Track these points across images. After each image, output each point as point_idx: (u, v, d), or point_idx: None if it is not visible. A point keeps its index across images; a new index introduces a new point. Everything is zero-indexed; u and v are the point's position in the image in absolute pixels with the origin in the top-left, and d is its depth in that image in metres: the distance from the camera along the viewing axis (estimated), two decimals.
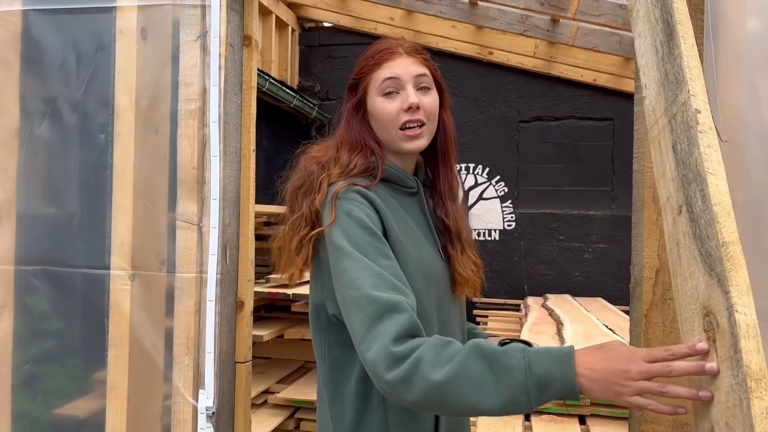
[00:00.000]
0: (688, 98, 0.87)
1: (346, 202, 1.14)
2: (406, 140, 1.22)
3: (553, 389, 0.93)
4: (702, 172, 0.83)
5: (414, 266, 1.15)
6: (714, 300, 0.81)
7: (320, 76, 7.09)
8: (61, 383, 1.93)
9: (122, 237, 1.80)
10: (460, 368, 0.95)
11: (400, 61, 1.23)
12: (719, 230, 0.79)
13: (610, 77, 5.96)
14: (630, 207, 1.76)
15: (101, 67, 1.82)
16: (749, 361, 0.74)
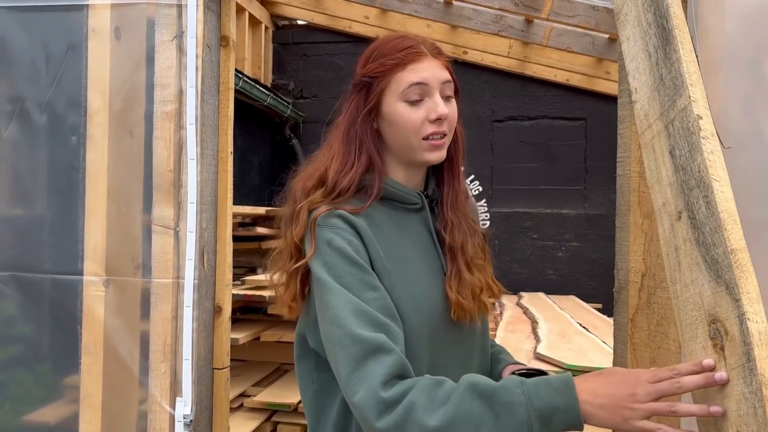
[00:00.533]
0: (688, 104, 0.87)
1: (326, 230, 1.05)
2: (430, 150, 1.10)
3: (557, 421, 0.88)
4: (706, 179, 0.82)
5: (402, 298, 1.05)
6: (722, 308, 0.80)
7: (294, 75, 7.03)
8: (31, 389, 1.88)
9: (96, 242, 1.75)
10: (456, 410, 0.88)
11: (429, 64, 1.10)
12: (727, 237, 0.79)
13: (583, 77, 6.03)
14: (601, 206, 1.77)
15: (72, 67, 1.76)
16: (763, 369, 0.74)
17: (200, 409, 1.75)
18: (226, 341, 1.85)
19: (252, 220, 3.84)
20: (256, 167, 6.49)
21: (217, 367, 1.83)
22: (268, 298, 3.12)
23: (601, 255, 6.41)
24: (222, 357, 1.83)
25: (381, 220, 1.11)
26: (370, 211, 1.10)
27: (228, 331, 1.87)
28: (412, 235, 1.14)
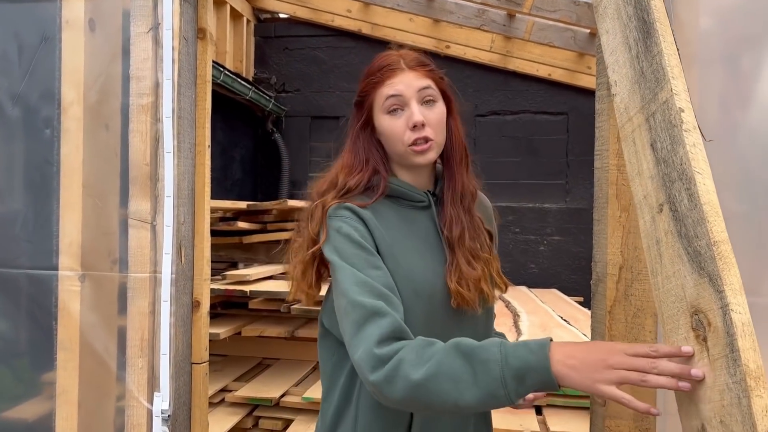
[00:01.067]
0: (670, 96, 0.87)
1: (335, 219, 1.18)
2: (415, 155, 1.21)
3: (530, 380, 0.93)
4: (688, 171, 0.83)
5: (402, 281, 1.15)
6: (704, 299, 0.81)
7: (276, 68, 6.98)
8: (8, 386, 1.85)
9: (71, 236, 1.72)
10: (438, 366, 0.96)
11: (402, 76, 1.22)
12: (710, 229, 0.79)
13: (565, 72, 6.06)
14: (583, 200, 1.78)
15: (45, 59, 1.73)
16: (747, 360, 0.74)
17: (178, 404, 1.73)
18: (204, 336, 1.84)
19: (233, 214, 3.81)
20: (238, 161, 6.45)
21: (195, 361, 1.82)
22: (249, 292, 3.11)
23: (583, 249, 6.46)
24: (200, 351, 1.82)
25: (387, 215, 1.22)
26: (378, 206, 1.22)
27: (206, 326, 1.85)
28: (418, 229, 1.25)
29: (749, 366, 0.74)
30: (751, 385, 0.73)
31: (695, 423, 0.83)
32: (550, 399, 3.72)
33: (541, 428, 3.49)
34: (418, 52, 1.29)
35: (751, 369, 0.74)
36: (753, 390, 0.73)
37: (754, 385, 0.73)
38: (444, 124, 1.25)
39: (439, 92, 1.25)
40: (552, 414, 3.65)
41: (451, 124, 1.28)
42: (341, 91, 6.91)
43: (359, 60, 6.86)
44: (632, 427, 1.37)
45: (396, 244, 1.19)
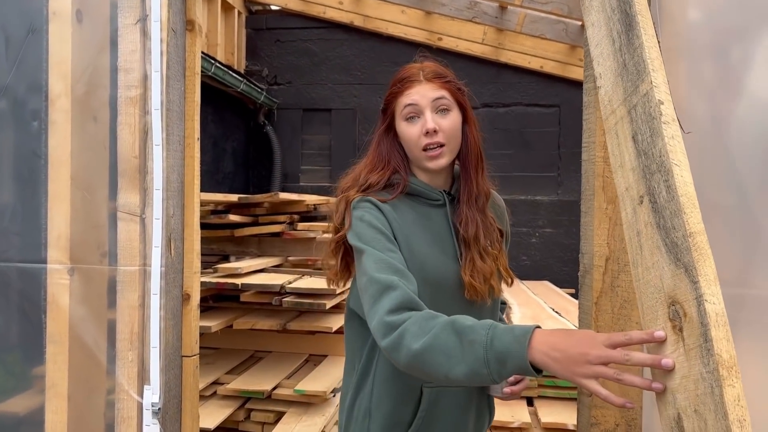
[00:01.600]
0: (650, 89, 0.88)
1: (358, 210, 1.32)
2: (428, 160, 1.35)
3: (511, 364, 1.02)
4: (667, 163, 0.83)
5: (413, 268, 1.27)
6: (681, 290, 0.82)
7: (268, 61, 6.95)
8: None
9: (59, 229, 1.72)
10: (435, 340, 1.08)
11: (419, 87, 1.35)
12: (686, 221, 0.80)
13: (557, 64, 6.06)
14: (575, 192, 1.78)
15: (33, 51, 1.72)
16: (720, 350, 0.75)
17: (169, 396, 1.73)
18: (194, 329, 1.84)
19: (225, 207, 3.80)
20: (230, 154, 6.43)
21: (186, 354, 1.82)
22: (241, 285, 3.11)
23: (575, 241, 6.48)
24: (191, 344, 1.82)
25: (404, 210, 1.36)
26: (397, 203, 1.36)
27: (197, 319, 1.86)
28: (432, 224, 1.37)
29: (722, 356, 0.75)
30: (724, 375, 0.74)
31: (671, 412, 0.84)
32: (540, 390, 3.75)
33: (533, 419, 3.51)
34: (438, 65, 1.41)
35: (723, 359, 0.75)
36: (725, 379, 0.74)
37: (727, 374, 0.74)
38: (457, 131, 1.37)
39: (454, 102, 1.36)
40: (543, 405, 3.67)
41: (467, 131, 1.40)
42: (333, 83, 6.89)
43: (351, 52, 6.84)
44: (618, 418, 1.38)
45: (411, 236, 1.32)
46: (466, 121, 1.40)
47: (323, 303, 3.06)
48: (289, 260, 3.77)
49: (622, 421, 1.39)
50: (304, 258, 3.72)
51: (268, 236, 3.78)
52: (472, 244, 1.35)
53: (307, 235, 3.69)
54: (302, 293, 3.12)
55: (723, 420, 0.73)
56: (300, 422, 2.79)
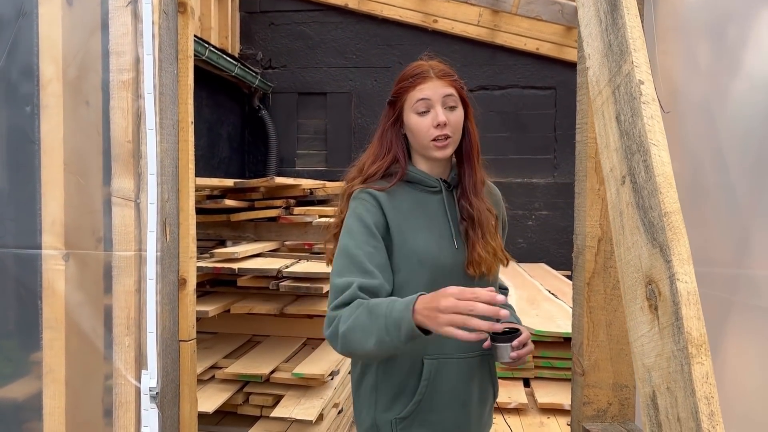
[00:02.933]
0: (631, 69, 0.87)
1: (355, 201, 1.46)
2: (436, 150, 1.47)
3: (404, 328, 1.18)
4: (645, 143, 0.84)
5: (408, 251, 1.43)
6: (656, 269, 0.82)
7: (262, 44, 6.91)
8: None
9: (54, 215, 1.71)
10: (354, 321, 1.26)
11: (431, 83, 1.47)
12: (662, 200, 0.80)
13: (553, 46, 6.04)
14: (571, 174, 1.80)
15: (23, 35, 1.70)
16: (690, 328, 0.76)
17: (166, 381, 1.74)
18: (191, 313, 1.84)
19: (221, 192, 3.80)
20: (225, 139, 6.41)
21: (183, 339, 1.82)
22: (238, 270, 3.11)
23: (570, 223, 6.49)
24: (188, 329, 1.82)
25: (402, 197, 1.49)
26: (396, 189, 1.49)
27: (193, 304, 1.86)
28: (428, 209, 1.50)
29: (692, 334, 0.76)
30: (693, 353, 0.75)
31: (647, 390, 0.85)
32: (537, 371, 3.78)
33: (529, 400, 3.55)
34: (445, 64, 1.53)
35: (693, 336, 0.76)
36: (694, 357, 0.75)
37: (696, 352, 0.75)
38: (461, 125, 1.50)
39: (459, 99, 1.50)
40: (539, 386, 3.70)
41: (468, 126, 1.54)
42: (328, 66, 6.86)
43: (346, 35, 6.79)
44: (611, 397, 1.39)
45: (405, 222, 1.46)
46: (467, 116, 1.54)
47: (320, 287, 3.07)
48: (285, 245, 3.77)
49: (615, 400, 1.41)
50: (301, 242, 3.73)
51: (264, 221, 3.78)
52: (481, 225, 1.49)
53: (303, 219, 3.69)
54: (299, 277, 3.13)
55: (691, 397, 0.74)
56: (298, 405, 2.81)
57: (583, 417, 1.42)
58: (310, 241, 3.70)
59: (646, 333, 0.86)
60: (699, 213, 1.32)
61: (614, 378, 1.38)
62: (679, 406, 0.77)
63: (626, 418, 1.40)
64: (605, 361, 1.38)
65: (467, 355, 1.47)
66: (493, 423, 1.67)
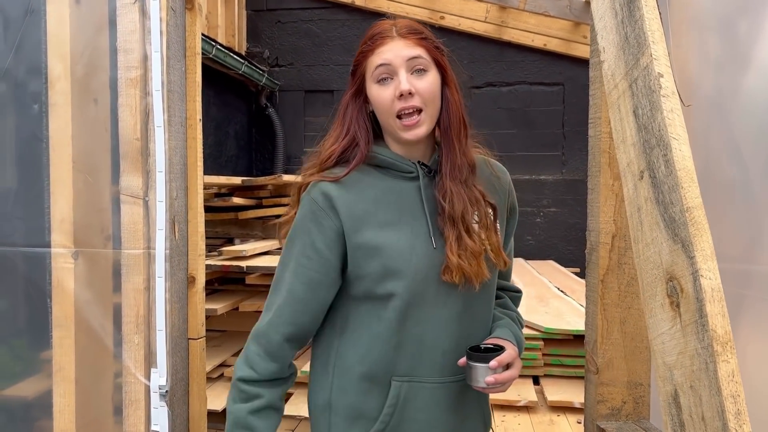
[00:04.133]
0: (650, 62, 0.86)
1: (303, 206, 1.22)
2: (403, 130, 1.18)
3: None
4: (665, 137, 0.82)
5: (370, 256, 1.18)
6: (678, 265, 0.81)
7: (269, 42, 6.90)
8: (7, 364, 1.85)
9: (62, 213, 1.71)
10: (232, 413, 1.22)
11: (392, 45, 1.19)
12: (683, 195, 0.79)
13: (561, 42, 6.00)
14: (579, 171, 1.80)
15: (31, 33, 1.70)
16: (715, 325, 0.75)
17: (176, 379, 1.74)
18: (200, 311, 1.84)
19: (229, 190, 3.80)
20: (232, 137, 6.41)
21: (192, 337, 1.82)
22: (246, 268, 3.11)
23: (579, 220, 6.46)
24: (197, 327, 1.82)
25: (366, 187, 1.20)
26: (359, 176, 1.21)
27: (202, 302, 1.85)
28: (402, 201, 1.21)
29: (717, 331, 0.74)
30: (718, 350, 0.73)
31: (669, 389, 0.84)
32: (546, 369, 3.76)
33: (539, 398, 3.53)
34: (414, 21, 1.25)
35: (718, 334, 0.74)
36: (720, 355, 0.73)
37: (721, 350, 0.73)
38: (436, 93, 1.20)
39: (432, 61, 1.20)
40: (549, 383, 3.68)
41: (447, 93, 1.22)
42: (335, 64, 6.84)
43: (353, 33, 6.78)
44: (625, 395, 1.38)
45: (368, 218, 1.18)
46: (446, 82, 1.23)
47: None
48: None
49: (630, 398, 1.39)
50: None
51: (272, 218, 3.78)
52: (459, 222, 1.18)
53: None
54: None
55: (717, 396, 0.72)
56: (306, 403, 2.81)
57: (597, 415, 1.40)
58: None
59: (667, 330, 0.84)
60: (712, 208, 1.30)
61: (629, 376, 1.37)
62: (704, 405, 0.75)
63: (641, 416, 1.39)
64: (619, 358, 1.36)
65: (447, 379, 1.21)
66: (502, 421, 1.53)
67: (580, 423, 3.20)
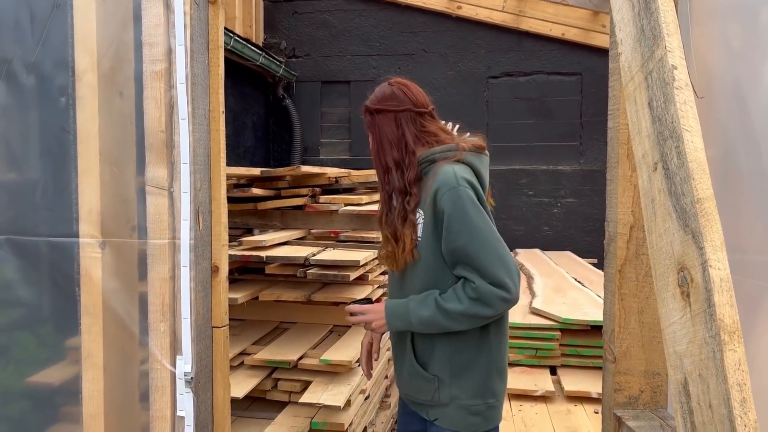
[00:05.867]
0: (664, 54, 0.87)
1: None
2: None
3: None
4: (678, 129, 0.83)
5: None
6: (688, 256, 0.82)
7: (286, 33, 6.92)
8: (33, 352, 1.90)
9: (90, 204, 1.75)
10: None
11: None
12: (694, 186, 0.80)
13: (579, 31, 5.96)
14: (597, 161, 1.81)
15: (58, 26, 1.74)
16: (722, 315, 0.76)
17: (200, 366, 1.78)
18: (224, 300, 1.88)
19: (247, 181, 3.83)
20: (250, 128, 6.46)
21: (216, 325, 1.86)
22: (266, 258, 3.15)
23: (596, 210, 6.43)
24: (220, 315, 1.86)
25: None
26: None
27: (226, 290, 1.89)
28: None
29: (724, 320, 0.76)
30: (725, 339, 0.75)
31: (679, 377, 0.85)
32: (564, 359, 3.77)
33: (556, 388, 3.54)
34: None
35: (726, 324, 0.75)
36: (726, 344, 0.75)
37: (728, 339, 0.75)
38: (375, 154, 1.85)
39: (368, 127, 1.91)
40: (566, 374, 3.69)
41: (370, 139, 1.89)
42: (351, 55, 6.85)
43: (369, 23, 6.77)
44: (642, 384, 1.39)
45: None
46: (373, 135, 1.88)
47: (347, 274, 3.09)
48: (312, 233, 3.80)
49: (647, 387, 1.41)
50: (327, 230, 3.75)
51: (290, 209, 3.81)
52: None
53: (329, 207, 3.71)
54: (326, 265, 3.16)
55: (723, 384, 0.74)
56: (326, 391, 2.85)
57: (614, 404, 1.42)
58: (336, 230, 3.72)
59: (677, 320, 0.86)
60: (732, 199, 1.30)
61: (646, 365, 1.38)
62: (711, 392, 0.77)
63: (658, 405, 1.40)
64: (637, 348, 1.38)
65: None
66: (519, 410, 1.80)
67: (597, 413, 3.21)
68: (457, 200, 1.62)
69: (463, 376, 1.71)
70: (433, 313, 1.66)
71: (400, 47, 6.67)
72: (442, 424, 1.74)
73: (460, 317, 1.63)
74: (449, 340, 1.71)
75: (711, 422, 0.76)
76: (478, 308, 1.60)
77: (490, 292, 1.59)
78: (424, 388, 1.75)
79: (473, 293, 1.61)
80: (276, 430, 2.71)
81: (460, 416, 1.71)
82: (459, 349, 1.72)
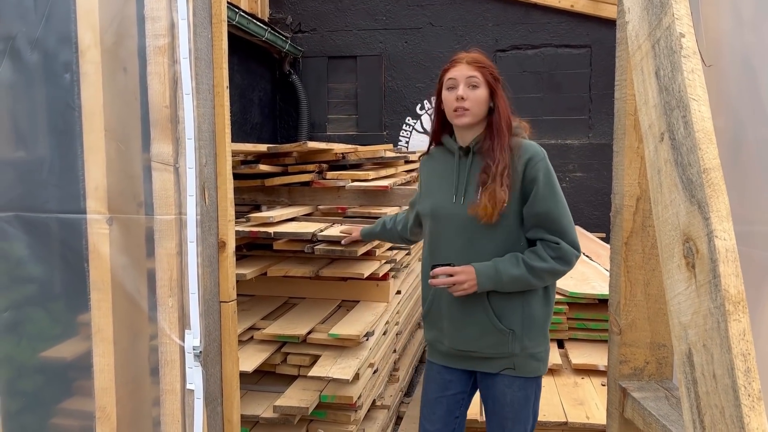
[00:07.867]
0: (672, 22, 0.85)
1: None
2: (455, 117, 2.00)
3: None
4: (685, 98, 0.82)
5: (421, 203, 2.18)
6: (694, 226, 0.82)
7: (292, 8, 6.86)
8: (45, 327, 1.93)
9: (97, 180, 1.76)
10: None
11: (460, 67, 2.00)
12: (701, 156, 0.79)
13: (588, 2, 5.87)
14: (606, 135, 1.84)
15: (60, 2, 1.73)
16: (727, 285, 0.76)
17: (209, 340, 1.80)
18: (231, 275, 1.89)
19: (255, 157, 3.83)
20: (256, 105, 6.43)
21: (223, 300, 1.87)
22: (274, 234, 3.16)
23: (605, 185, 6.39)
24: (228, 290, 1.87)
25: (437, 159, 2.15)
26: (435, 153, 2.18)
27: (233, 266, 1.90)
28: (444, 170, 2.09)
29: (729, 291, 0.75)
30: (730, 310, 0.75)
31: (683, 347, 0.85)
32: (571, 333, 3.78)
33: (563, 361, 3.56)
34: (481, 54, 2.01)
35: (731, 294, 0.75)
36: (731, 314, 0.75)
37: (733, 309, 0.75)
38: (481, 101, 1.98)
39: (483, 81, 1.98)
40: (573, 347, 3.71)
41: (498, 102, 1.99)
42: (358, 29, 6.79)
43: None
44: (648, 355, 1.40)
45: (428, 180, 2.15)
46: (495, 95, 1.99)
47: (355, 250, 3.10)
48: (319, 209, 3.81)
49: (653, 359, 1.41)
50: (334, 206, 3.75)
51: (297, 185, 3.81)
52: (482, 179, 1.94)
53: (336, 183, 3.71)
54: (334, 240, 3.17)
55: (727, 353, 0.74)
56: (335, 365, 2.88)
57: (619, 375, 1.43)
58: (344, 205, 3.72)
59: (683, 291, 0.86)
60: (741, 170, 1.29)
61: (651, 337, 1.38)
62: (715, 362, 0.77)
63: (664, 377, 1.41)
64: (642, 320, 1.38)
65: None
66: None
67: (604, 386, 3.23)
68: (546, 170, 1.94)
69: (531, 328, 1.98)
70: (522, 272, 1.89)
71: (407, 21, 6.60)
72: (512, 373, 2.00)
73: (545, 274, 1.90)
74: (522, 297, 1.97)
75: (715, 392, 0.77)
76: (560, 265, 1.89)
77: (569, 252, 1.89)
78: (499, 341, 1.99)
79: (554, 252, 1.90)
80: (285, 403, 2.75)
81: (528, 363, 1.99)
82: (529, 304, 1.98)
